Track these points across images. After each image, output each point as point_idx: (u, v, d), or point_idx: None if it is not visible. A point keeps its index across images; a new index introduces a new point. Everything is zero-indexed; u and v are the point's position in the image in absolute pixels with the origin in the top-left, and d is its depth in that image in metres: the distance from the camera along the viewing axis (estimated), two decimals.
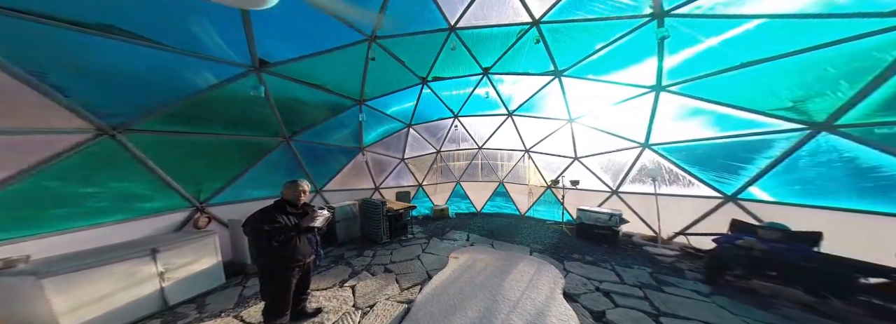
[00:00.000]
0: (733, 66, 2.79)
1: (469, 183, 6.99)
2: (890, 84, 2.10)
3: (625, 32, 3.17)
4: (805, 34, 2.26)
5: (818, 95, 2.46)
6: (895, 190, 2.32)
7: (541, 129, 5.74)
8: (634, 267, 3.08)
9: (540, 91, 5.00)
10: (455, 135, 6.45)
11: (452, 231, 4.86)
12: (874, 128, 2.32)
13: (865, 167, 2.45)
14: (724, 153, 3.46)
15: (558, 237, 4.53)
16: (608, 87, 4.15)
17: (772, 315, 2.08)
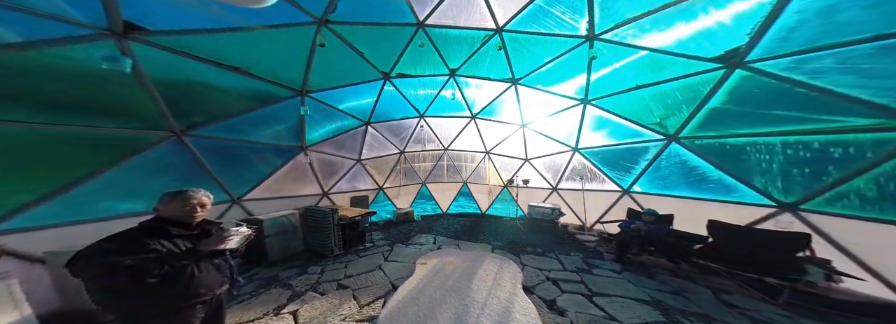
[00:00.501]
0: (629, 87, 3.68)
1: (435, 184, 6.92)
2: (703, 110, 3.15)
3: (566, 50, 3.71)
4: (667, 68, 3.16)
5: (672, 114, 3.51)
6: (706, 183, 3.58)
7: (499, 132, 6.18)
8: (571, 254, 3.72)
9: (499, 96, 5.34)
10: (421, 135, 6.21)
11: (418, 235, 4.72)
12: (695, 140, 3.45)
13: (691, 167, 3.68)
14: (621, 156, 4.58)
15: (514, 232, 5.02)
16: (552, 97, 4.81)
17: (654, 282, 2.80)
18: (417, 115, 5.77)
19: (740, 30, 2.35)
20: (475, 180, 6.86)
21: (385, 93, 4.85)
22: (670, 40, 2.85)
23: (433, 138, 6.36)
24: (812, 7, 1.98)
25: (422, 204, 7.09)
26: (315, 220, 3.74)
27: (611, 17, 2.96)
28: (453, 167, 6.89)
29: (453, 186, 6.92)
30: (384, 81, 4.63)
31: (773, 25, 2.17)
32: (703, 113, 3.16)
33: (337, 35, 3.27)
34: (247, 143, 3.75)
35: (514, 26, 3.60)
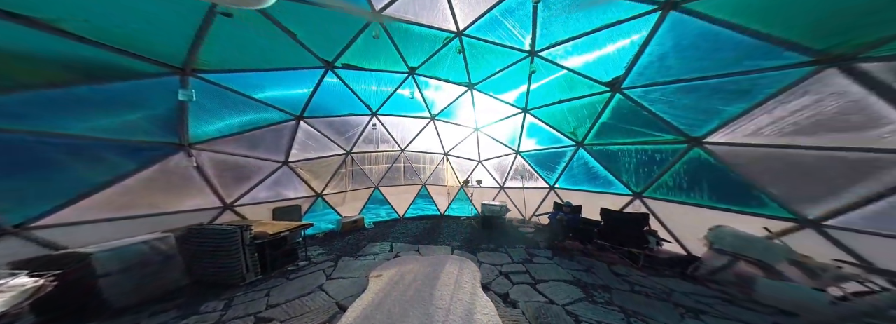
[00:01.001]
0: (555, 101, 4.49)
1: (390, 188, 6.39)
2: (598, 123, 4.22)
3: (513, 62, 4.11)
4: (578, 88, 4.02)
5: (581, 125, 4.53)
6: (598, 179, 4.87)
7: (456, 134, 6.34)
8: (516, 246, 4.24)
9: (457, 99, 5.42)
10: (373, 135, 5.56)
11: (371, 244, 4.27)
12: (593, 146, 4.62)
13: (590, 167, 4.92)
14: (549, 158, 5.59)
15: (469, 231, 5.29)
16: (500, 104, 5.29)
17: (574, 263, 3.51)
18: (369, 112, 5.12)
19: (621, 62, 3.19)
20: (434, 182, 6.80)
21: (326, 84, 4.04)
22: (580, 63, 3.60)
23: (388, 138, 5.84)
24: (655, 52, 2.90)
25: (374, 210, 6.45)
26: (209, 242, 2.76)
27: (548, 37, 3.41)
28: (411, 169, 6.57)
29: (411, 188, 6.62)
30: (326, 70, 3.85)
31: (636, 62, 3.07)
32: (598, 126, 4.26)
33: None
34: (48, 136, 2.28)
35: (473, 32, 3.68)
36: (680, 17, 2.38)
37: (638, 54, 2.96)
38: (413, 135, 6.00)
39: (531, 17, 3.17)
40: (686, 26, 2.41)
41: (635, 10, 2.53)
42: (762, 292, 2.41)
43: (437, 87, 5.13)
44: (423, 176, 6.70)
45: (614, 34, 2.96)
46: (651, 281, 2.94)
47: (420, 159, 6.59)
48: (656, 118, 3.38)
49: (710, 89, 2.75)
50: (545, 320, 2.14)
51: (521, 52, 3.82)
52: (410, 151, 6.30)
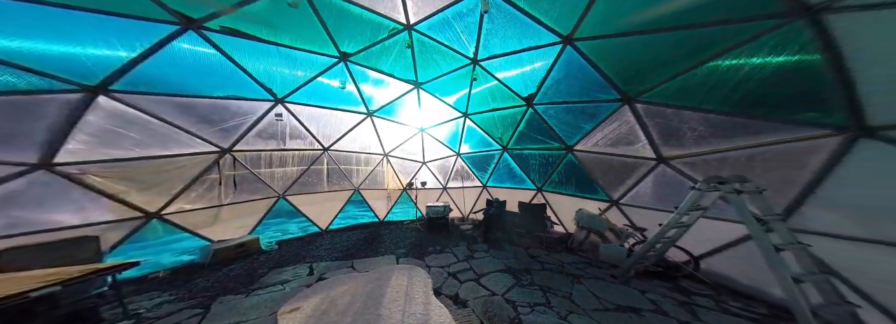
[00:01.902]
0: (489, 109, 5.05)
1: (305, 196, 4.90)
2: (517, 131, 5.14)
3: (459, 66, 4.18)
4: (506, 99, 4.69)
5: (506, 132, 5.38)
6: (516, 178, 6.06)
7: (399, 134, 5.79)
8: (459, 245, 4.43)
9: (402, 97, 4.92)
10: (276, 128, 4.05)
11: (276, 271, 3.14)
12: (513, 150, 5.65)
13: (511, 167, 6.03)
14: (483, 160, 6.29)
15: (415, 235, 5.02)
16: (445, 106, 5.32)
17: (504, 253, 3.94)
18: (272, 98, 3.68)
19: (535, 81, 3.91)
20: (371, 186, 5.89)
21: (178, 50, 2.53)
22: (510, 77, 4.07)
23: (303, 134, 4.44)
24: (555, 76, 3.67)
25: (277, 225, 4.88)
26: None
27: (487, 48, 3.62)
28: (339, 172, 5.33)
29: (338, 195, 5.38)
30: (183, 28, 2.41)
31: (544, 83, 3.88)
32: (517, 133, 5.19)
33: None
34: None
35: (424, 28, 3.43)
36: (571, 52, 3.16)
37: (545, 77, 3.74)
38: (342, 131, 4.88)
39: (477, 26, 3.26)
40: (573, 60, 3.23)
41: (548, 39, 3.14)
42: (602, 253, 3.77)
43: (379, 81, 4.41)
44: (357, 179, 5.67)
45: (534, 57, 3.50)
46: (552, 258, 3.80)
47: (352, 160, 5.51)
48: (551, 130, 4.56)
49: (579, 111, 3.99)
50: (491, 312, 2.31)
51: (466, 59, 3.94)
52: (338, 150, 5.09)
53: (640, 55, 2.70)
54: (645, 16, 2.29)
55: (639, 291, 2.75)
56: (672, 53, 2.44)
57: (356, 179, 5.64)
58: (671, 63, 2.52)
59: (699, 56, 2.31)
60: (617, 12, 2.40)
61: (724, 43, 2.10)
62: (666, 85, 2.73)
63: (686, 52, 2.35)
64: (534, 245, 4.50)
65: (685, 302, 2.50)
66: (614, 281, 3.00)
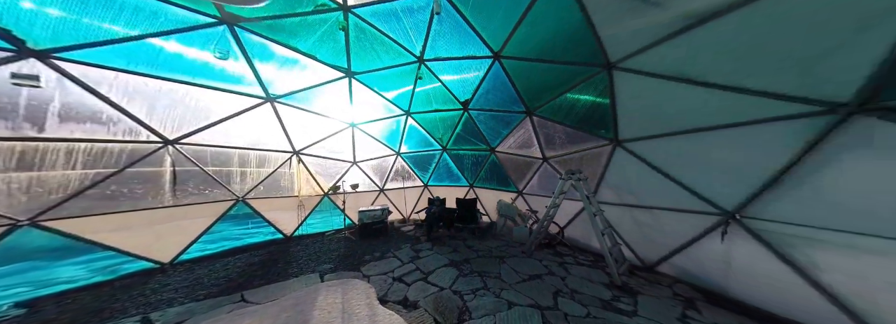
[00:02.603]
0: (432, 109, 5.23)
1: (128, 216, 3.18)
2: (455, 133, 5.63)
3: (403, 63, 4.06)
4: (445, 101, 5.09)
5: (446, 132, 5.77)
6: (452, 175, 6.65)
7: (319, 128, 4.83)
8: (402, 247, 4.35)
9: (324, 85, 4.16)
10: (20, 99, 2.47)
11: None
12: (451, 151, 6.16)
13: (449, 167, 6.52)
14: (424, 160, 6.47)
15: (345, 245, 4.46)
16: (384, 101, 4.97)
17: (446, 248, 4.16)
18: (12, 48, 2.24)
19: (472, 87, 4.37)
20: (270, 193, 4.51)
21: None
22: (453, 80, 4.36)
23: (110, 116, 2.85)
24: (486, 86, 4.21)
25: (51, 268, 2.93)
26: None
27: (434, 49, 3.70)
28: (199, 176, 3.66)
29: (199, 209, 3.71)
30: None
31: (478, 91, 4.39)
32: (455, 135, 5.70)
33: None
34: None
35: (366, 14, 3.11)
36: (498, 67, 3.71)
37: (478, 86, 4.28)
38: (212, 119, 3.43)
39: (427, 25, 3.26)
40: (499, 74, 3.84)
41: (483, 52, 3.56)
42: (514, 235, 4.84)
43: (291, 61, 3.57)
44: (241, 186, 4.12)
45: (472, 65, 3.86)
46: (483, 245, 4.37)
47: (233, 160, 3.98)
48: (480, 133, 5.34)
49: (500, 118, 4.89)
50: (442, 307, 2.41)
51: (412, 56, 3.88)
52: (199, 145, 3.51)
53: (539, 79, 3.67)
54: (540, 47, 3.11)
55: (538, 261, 3.68)
56: (554, 82, 3.51)
57: (241, 186, 4.11)
58: (553, 89, 3.62)
59: (562, 87, 3.47)
60: (530, 39, 3.10)
61: (573, 81, 3.26)
62: (550, 104, 3.86)
63: (558, 83, 3.46)
64: (469, 237, 5.11)
65: (561, 262, 3.64)
66: (524, 256, 3.88)
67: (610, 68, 2.73)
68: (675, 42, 2.06)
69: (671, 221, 2.92)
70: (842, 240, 1.80)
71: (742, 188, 2.22)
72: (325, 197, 5.24)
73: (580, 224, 4.31)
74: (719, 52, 1.92)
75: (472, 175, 6.35)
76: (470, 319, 2.20)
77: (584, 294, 2.69)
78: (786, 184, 1.98)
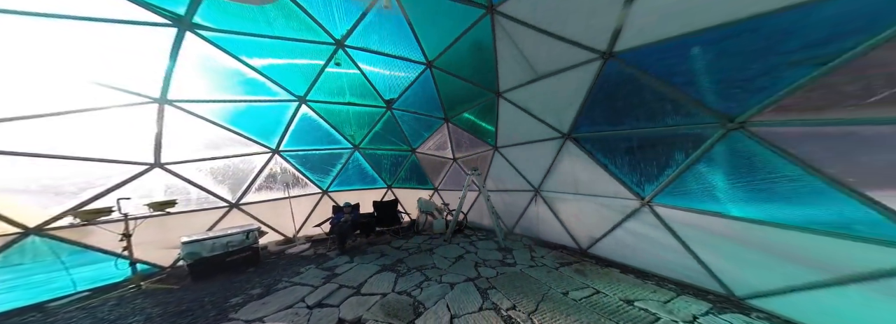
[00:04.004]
0: (345, 101, 4.59)
1: None
2: (373, 131, 5.35)
3: (306, 40, 3.31)
4: (365, 96, 4.70)
5: (361, 130, 5.30)
6: (366, 177, 6.14)
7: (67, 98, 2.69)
8: (303, 271, 3.45)
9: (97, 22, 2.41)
10: None
11: None
12: (366, 150, 5.72)
13: (362, 168, 5.99)
14: (324, 160, 5.43)
15: (154, 305, 2.64)
16: (250, 77, 3.58)
17: (371, 255, 3.96)
18: None
19: (399, 88, 4.44)
20: None
21: None
22: (377, 75, 4.16)
23: None
24: (415, 89, 4.50)
25: None
26: None
27: (364, 38, 3.47)
28: None
29: None
30: None
31: (405, 93, 4.62)
32: (372, 133, 5.41)
33: None
34: None
35: None
36: (428, 74, 4.14)
37: (407, 88, 4.46)
38: None
39: (361, 13, 3.00)
40: (428, 81, 4.25)
41: (418, 57, 3.79)
42: (435, 228, 5.58)
43: None
44: None
45: (402, 66, 4.01)
46: (411, 243, 4.60)
47: None
48: (403, 133, 5.53)
49: (423, 121, 5.38)
50: (394, 309, 2.37)
51: (330, 38, 3.29)
52: None
53: (458, 92, 4.50)
54: (463, 66, 3.90)
55: (457, 244, 4.44)
56: (466, 96, 4.49)
57: None
58: (466, 102, 4.63)
59: (471, 103, 4.57)
60: (457, 57, 3.75)
61: (478, 99, 4.42)
62: (465, 113, 4.88)
63: (469, 97, 4.49)
64: (393, 238, 5.10)
65: (470, 241, 4.65)
66: (445, 243, 4.57)
67: (498, 96, 4.10)
68: (526, 87, 3.59)
69: (517, 198, 4.88)
70: (562, 196, 4.10)
71: (540, 175, 4.31)
72: (80, 225, 2.83)
73: (475, 209, 5.85)
74: (538, 98, 3.64)
75: (390, 176, 6.31)
76: (426, 310, 2.36)
77: (491, 259, 3.67)
78: (551, 172, 4.16)
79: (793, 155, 1.81)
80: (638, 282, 2.81)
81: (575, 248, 4.05)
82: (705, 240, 2.48)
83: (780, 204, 1.96)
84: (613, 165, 3.19)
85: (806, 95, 1.64)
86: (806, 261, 1.93)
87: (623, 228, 3.28)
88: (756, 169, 2.02)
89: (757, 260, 2.19)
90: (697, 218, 2.48)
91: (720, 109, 2.07)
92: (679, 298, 2.45)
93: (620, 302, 2.38)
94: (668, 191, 2.69)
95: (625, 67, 2.45)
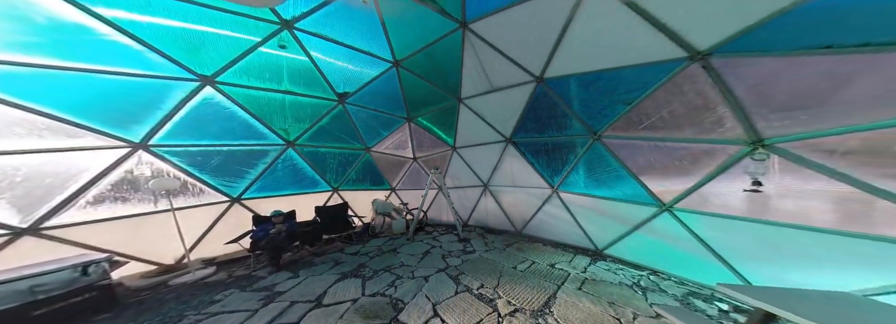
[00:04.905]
0: (280, 89, 3.75)
1: None
2: (316, 126, 4.52)
3: (252, 15, 2.62)
4: (311, 85, 3.92)
5: (299, 124, 4.38)
6: (302, 179, 5.06)
7: None
8: (222, 297, 2.53)
9: None
10: None
11: None
12: (305, 147, 4.72)
13: (299, 169, 4.87)
14: (239, 160, 4.12)
15: None
16: (113, 39, 2.41)
17: (322, 267, 3.35)
18: None
19: (357, 83, 4.06)
20: None
21: None
22: (329, 64, 3.63)
23: None
24: (376, 85, 4.23)
25: None
26: None
27: (321, 24, 3.05)
28: None
29: None
30: None
31: (364, 89, 4.23)
32: (316, 128, 4.56)
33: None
34: None
35: None
36: (394, 73, 4.05)
37: (368, 83, 4.13)
38: None
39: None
40: (392, 79, 4.16)
41: (384, 55, 3.65)
42: (394, 228, 5.34)
43: None
44: None
45: (364, 61, 3.71)
46: (370, 247, 4.28)
47: None
48: (357, 130, 5.00)
49: (383, 119, 5.08)
50: (372, 311, 2.26)
51: (274, 16, 2.67)
52: None
53: (423, 94, 4.59)
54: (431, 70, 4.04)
55: (420, 241, 4.53)
56: (432, 99, 4.67)
57: None
58: (430, 104, 4.80)
59: (435, 106, 4.81)
60: (427, 61, 3.82)
61: (441, 103, 4.74)
62: (429, 115, 5.00)
63: (434, 100, 4.71)
64: (346, 244, 4.54)
65: (433, 238, 4.82)
66: (409, 242, 4.53)
67: (460, 101, 4.56)
68: (483, 97, 4.22)
69: (470, 193, 5.60)
70: (504, 189, 5.09)
71: (489, 172, 5.17)
72: None
73: (433, 206, 6.10)
74: (492, 107, 4.33)
75: (337, 177, 5.49)
76: (405, 304, 2.36)
77: (455, 250, 4.01)
78: (497, 169, 5.05)
79: (618, 157, 3.24)
80: (555, 250, 3.90)
81: (513, 231, 5.07)
82: (584, 213, 3.90)
83: (612, 185, 3.44)
84: (537, 163, 4.33)
85: (621, 120, 3.02)
86: (621, 219, 3.42)
87: (542, 211, 4.49)
88: (604, 164, 3.43)
89: (606, 223, 3.62)
90: (580, 199, 3.86)
91: (592, 125, 3.36)
92: (576, 257, 3.61)
93: (547, 266, 3.26)
94: (566, 181, 4.00)
95: (548, 90, 3.47)
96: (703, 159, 2.49)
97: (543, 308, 2.26)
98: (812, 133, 1.84)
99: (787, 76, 1.81)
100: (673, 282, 2.83)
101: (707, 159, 2.46)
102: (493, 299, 2.46)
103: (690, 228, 2.75)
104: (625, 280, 2.87)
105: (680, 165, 2.70)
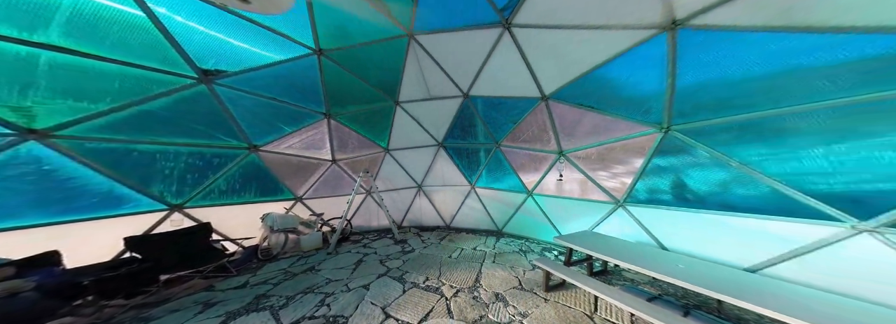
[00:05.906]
0: (29, 40, 1.92)
1: None
2: (137, 109, 2.69)
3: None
4: (149, 52, 2.31)
5: (101, 100, 2.44)
6: (83, 198, 2.77)
7: None
8: None
9: None
10: None
11: None
12: (85, 142, 2.61)
13: (61, 179, 2.61)
14: None
15: None
16: None
17: (191, 308, 2.31)
18: None
19: (245, 63, 3.04)
20: None
21: None
22: (199, 32, 2.50)
23: None
24: (280, 71, 3.35)
25: None
26: None
27: None
28: None
29: None
30: None
31: (254, 72, 3.03)
32: (135, 111, 2.68)
33: None
34: None
35: None
36: (314, 60, 3.43)
37: (267, 66, 3.19)
38: None
39: None
40: (310, 67, 3.49)
41: (305, 40, 3.09)
42: (303, 245, 4.17)
43: None
44: None
45: (268, 43, 2.98)
46: (265, 272, 3.28)
47: None
48: (232, 122, 3.46)
49: (286, 112, 3.85)
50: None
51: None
52: None
53: (351, 90, 4.05)
54: (365, 67, 3.69)
55: (348, 252, 4.02)
56: (362, 98, 4.27)
57: None
58: (358, 103, 4.35)
59: (367, 105, 4.45)
60: (361, 56, 3.45)
61: (374, 104, 4.44)
62: (357, 113, 4.48)
63: (365, 99, 4.31)
64: (213, 280, 3.02)
65: (364, 246, 4.32)
66: (331, 256, 3.86)
67: (397, 104, 4.49)
68: (420, 103, 4.46)
69: (404, 195, 5.65)
70: (435, 188, 5.68)
71: (422, 173, 5.53)
72: None
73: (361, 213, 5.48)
74: (428, 113, 4.70)
75: (183, 189, 3.43)
76: (348, 318, 2.16)
77: (393, 252, 3.94)
78: (430, 170, 5.52)
79: (508, 159, 4.72)
80: (475, 236, 4.79)
81: (444, 225, 5.65)
82: (490, 203, 5.15)
83: (503, 180, 4.91)
84: (461, 165, 5.22)
85: (510, 134, 4.38)
86: (509, 204, 4.79)
87: (465, 205, 5.42)
88: (500, 164, 4.74)
89: (502, 208, 4.94)
90: (488, 192, 5.09)
91: (495, 136, 4.56)
92: (487, 238, 4.60)
93: (472, 250, 3.99)
94: (481, 178, 5.12)
95: (471, 105, 4.34)
96: (543, 162, 4.19)
97: (475, 284, 2.81)
98: (577, 148, 3.75)
99: (570, 115, 3.67)
100: (536, 243, 4.41)
101: (545, 162, 4.18)
102: (439, 287, 2.72)
103: (540, 205, 4.42)
104: (515, 249, 4.05)
105: (534, 165, 4.36)
